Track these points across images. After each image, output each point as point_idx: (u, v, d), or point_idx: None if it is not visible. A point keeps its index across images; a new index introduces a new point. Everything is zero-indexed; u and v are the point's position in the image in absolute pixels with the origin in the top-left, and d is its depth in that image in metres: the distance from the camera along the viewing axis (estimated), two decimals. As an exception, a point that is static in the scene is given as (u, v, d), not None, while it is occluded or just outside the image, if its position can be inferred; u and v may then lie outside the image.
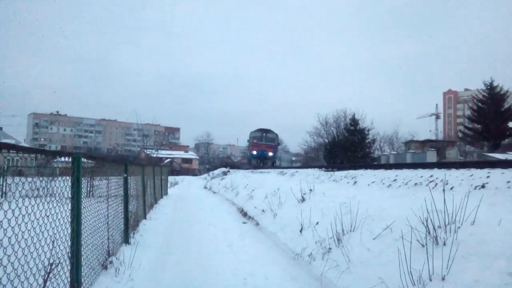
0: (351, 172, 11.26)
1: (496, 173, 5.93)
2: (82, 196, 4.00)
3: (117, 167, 7.05)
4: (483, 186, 5.41)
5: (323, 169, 15.34)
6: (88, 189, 5.35)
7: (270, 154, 41.53)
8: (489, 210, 4.26)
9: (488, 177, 5.76)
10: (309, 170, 15.90)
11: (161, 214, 11.44)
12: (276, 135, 42.75)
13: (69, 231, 3.71)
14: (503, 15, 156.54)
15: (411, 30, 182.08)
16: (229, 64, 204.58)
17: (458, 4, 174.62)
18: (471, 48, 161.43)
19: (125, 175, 7.30)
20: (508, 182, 5.19)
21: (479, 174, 6.09)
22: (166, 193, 19.94)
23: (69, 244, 3.70)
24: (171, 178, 31.32)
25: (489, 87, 43.78)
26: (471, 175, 6.20)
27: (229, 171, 35.17)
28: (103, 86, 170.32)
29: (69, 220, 3.72)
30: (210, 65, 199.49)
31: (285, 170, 19.61)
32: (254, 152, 41.16)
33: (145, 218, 9.91)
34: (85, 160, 4.30)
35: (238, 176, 24.81)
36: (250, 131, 43.59)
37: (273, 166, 39.33)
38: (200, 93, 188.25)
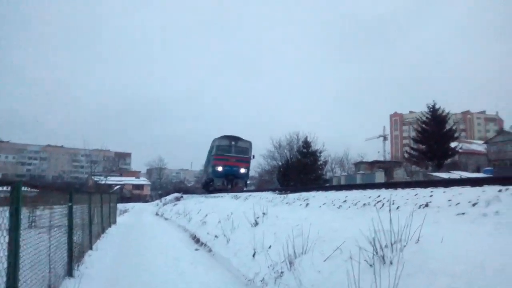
0: (304, 194, 11.39)
1: (439, 192, 6.21)
2: (22, 227, 3.76)
3: (62, 196, 6.71)
4: (426, 205, 5.64)
5: (277, 192, 15.41)
6: (30, 219, 5.04)
7: (242, 170, 30.10)
8: (432, 228, 4.42)
9: (431, 196, 6.02)
10: (263, 193, 15.91)
11: (108, 243, 10.95)
12: (250, 144, 31.02)
13: (5, 265, 3.45)
14: (443, 41, 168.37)
15: (358, 54, 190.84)
16: (182, 87, 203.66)
17: (400, 32, 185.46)
18: (415, 72, 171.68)
19: (70, 204, 6.94)
20: (449, 200, 5.44)
21: (423, 193, 6.35)
22: (115, 222, 19.17)
23: (4, 280, 3.43)
24: (120, 206, 30.24)
25: (431, 109, 46.38)
26: (415, 195, 6.45)
27: (182, 197, 34.55)
28: (49, 111, 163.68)
29: (5, 253, 3.47)
30: (163, 89, 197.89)
31: (239, 194, 19.51)
32: (219, 169, 29.32)
33: (91, 248, 9.43)
34: (26, 188, 4.06)
35: (191, 202, 24.39)
36: (213, 139, 31.48)
37: (243, 189, 28.67)
38: (152, 117, 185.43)
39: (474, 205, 4.81)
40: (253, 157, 32.64)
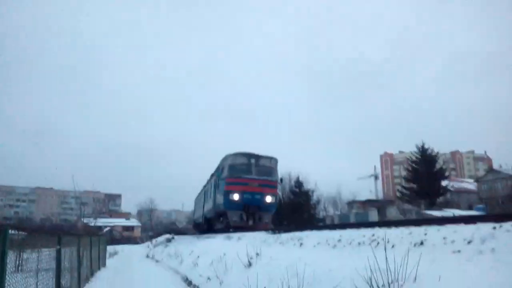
0: (297, 234, 11.25)
1: (433, 230, 6.18)
2: (8, 271, 3.65)
3: (50, 239, 6.57)
4: (421, 243, 5.60)
5: (270, 231, 15.21)
6: (16, 263, 4.91)
7: (269, 199, 20.64)
8: (429, 267, 4.37)
9: (425, 234, 5.99)
10: (256, 234, 15.68)
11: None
12: (276, 161, 21.81)
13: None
14: (429, 86, 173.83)
15: (350, 96, 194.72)
16: (173, 128, 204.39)
17: (391, 78, 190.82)
18: (405, 114, 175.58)
19: (58, 247, 6.79)
20: (444, 238, 5.41)
21: (417, 232, 6.32)
22: (105, 264, 18.66)
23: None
24: (110, 248, 29.52)
25: (421, 149, 47.06)
26: (410, 233, 6.41)
27: (173, 238, 33.91)
28: (38, 153, 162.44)
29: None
30: (154, 130, 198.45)
31: (231, 235, 19.20)
32: (235, 197, 20.01)
33: (79, 293, 9.13)
34: (13, 231, 3.98)
35: (183, 243, 23.92)
36: (223, 156, 22.02)
37: (268, 226, 19.71)
38: (143, 158, 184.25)
39: (469, 242, 4.79)
40: (281, 180, 24.08)
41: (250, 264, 8.71)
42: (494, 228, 4.86)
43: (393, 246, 5.96)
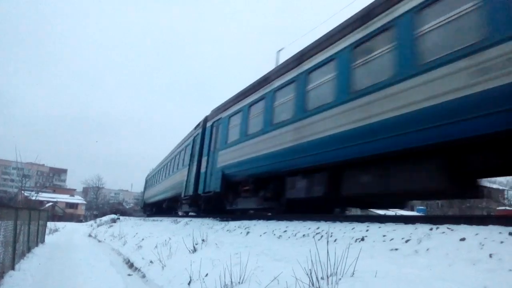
0: (245, 222, 11.31)
1: (375, 227, 6.40)
2: None
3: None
4: (362, 239, 5.78)
5: (218, 218, 15.19)
6: None
7: None
8: (367, 262, 4.52)
9: (367, 230, 6.19)
10: (204, 220, 15.62)
11: (33, 265, 10.17)
12: None
13: None
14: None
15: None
16: (128, 105, 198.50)
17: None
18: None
19: (-8, 218, 6.41)
20: (384, 235, 5.62)
21: (360, 228, 6.52)
22: (43, 241, 17.93)
23: None
24: (51, 224, 28.39)
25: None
26: (353, 228, 6.61)
27: (118, 218, 33.09)
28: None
29: None
30: (107, 105, 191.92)
31: (179, 219, 19.03)
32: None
33: (13, 269, 8.70)
34: None
35: (128, 224, 23.43)
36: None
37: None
38: (93, 133, 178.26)
39: (407, 241, 4.99)
40: None
41: (195, 250, 8.66)
42: (431, 229, 5.09)
43: (335, 240, 6.12)
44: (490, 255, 3.83)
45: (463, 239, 4.37)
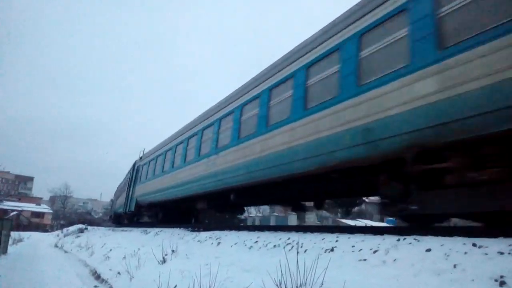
0: (217, 232, 11.21)
1: (344, 237, 6.47)
2: None
3: None
4: (332, 250, 5.83)
5: (189, 229, 15.01)
6: None
7: None
8: (336, 272, 4.57)
9: (337, 241, 6.25)
10: (175, 230, 15.39)
11: (-7, 276, 9.74)
12: None
13: None
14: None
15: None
16: (100, 112, 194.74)
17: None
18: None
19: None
20: (353, 246, 5.68)
21: (330, 238, 6.58)
22: (6, 252, 17.22)
23: None
24: (15, 234, 27.31)
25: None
26: (323, 239, 6.66)
27: (86, 228, 32.22)
28: None
29: None
30: (78, 112, 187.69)
31: (149, 229, 18.68)
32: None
33: (-30, 281, 8.30)
34: None
35: (96, 234, 22.85)
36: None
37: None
38: (61, 139, 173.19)
39: (375, 252, 5.07)
40: None
41: (164, 261, 8.51)
42: (398, 240, 5.19)
43: (305, 251, 6.15)
44: (455, 266, 3.94)
45: (429, 250, 4.47)
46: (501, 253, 3.88)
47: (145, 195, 20.32)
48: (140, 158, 23.73)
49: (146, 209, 21.84)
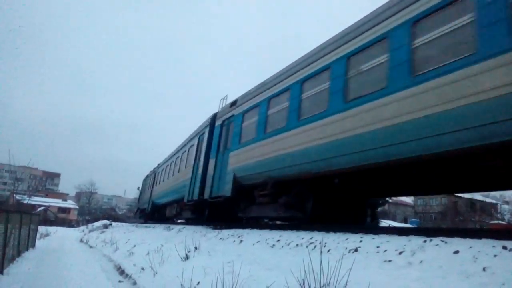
0: (239, 230, 11.24)
1: (368, 238, 6.37)
2: None
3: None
4: (356, 250, 5.75)
5: (211, 226, 15.11)
6: None
7: None
8: (360, 273, 4.50)
9: (361, 241, 6.16)
10: (197, 227, 15.53)
11: (21, 269, 10.04)
12: None
13: None
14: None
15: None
16: (125, 111, 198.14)
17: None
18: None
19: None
20: (377, 247, 5.59)
21: (353, 238, 6.49)
22: (34, 246, 17.74)
23: None
24: (42, 229, 28.13)
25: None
26: (346, 239, 6.57)
27: (111, 224, 32.89)
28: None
29: None
30: (104, 110, 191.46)
31: (171, 226, 18.91)
32: None
33: (1, 273, 8.59)
34: None
35: (121, 230, 23.26)
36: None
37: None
38: (88, 137, 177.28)
39: (400, 253, 4.97)
40: None
41: (187, 258, 8.59)
42: (425, 241, 5.07)
43: (329, 251, 6.09)
44: (484, 269, 3.82)
45: (456, 252, 4.36)
46: (534, 257, 3.75)
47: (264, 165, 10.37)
48: (230, 105, 13.97)
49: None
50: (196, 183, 15.15)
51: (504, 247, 4.13)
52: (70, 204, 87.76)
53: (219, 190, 12.85)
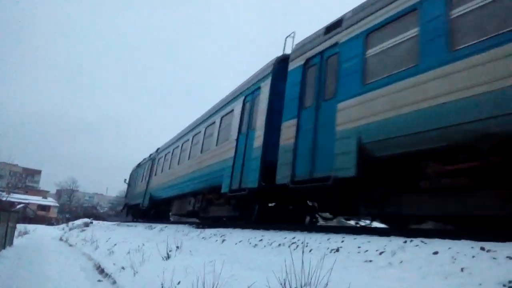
0: (221, 230, 11.21)
1: (350, 238, 6.42)
2: None
3: None
4: (337, 250, 5.78)
5: (194, 225, 15.03)
6: None
7: None
8: (341, 273, 4.52)
9: (342, 241, 6.20)
10: (180, 226, 15.43)
11: (-2, 268, 9.82)
12: None
13: None
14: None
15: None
16: (108, 108, 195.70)
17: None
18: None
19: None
20: (359, 247, 5.63)
21: (335, 239, 6.53)
22: (11, 244, 17.36)
23: None
24: (21, 227, 27.59)
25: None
26: (328, 239, 6.61)
27: (91, 223, 32.45)
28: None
29: None
30: (86, 107, 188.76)
31: (153, 225, 18.76)
32: None
33: (-24, 272, 8.37)
34: None
35: (101, 229, 22.95)
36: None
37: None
38: (70, 133, 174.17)
39: (381, 253, 5.02)
40: None
41: (168, 257, 8.51)
42: (405, 242, 5.13)
43: (311, 251, 6.10)
44: (462, 269, 3.88)
45: (436, 253, 4.41)
46: (510, 258, 3.82)
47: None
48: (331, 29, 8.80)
49: None
50: (249, 164, 10.50)
51: (482, 248, 4.20)
52: (50, 201, 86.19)
53: (319, 168, 7.99)
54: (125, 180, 32.78)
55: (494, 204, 5.29)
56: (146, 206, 22.34)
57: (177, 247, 9.02)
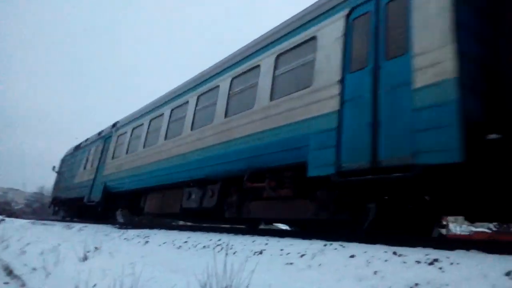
0: (145, 231, 10.90)
1: (274, 241, 6.53)
2: None
3: None
4: (261, 252, 5.85)
5: (117, 226, 14.44)
6: None
7: None
8: (263, 275, 4.56)
9: (266, 244, 6.29)
10: (101, 226, 14.76)
11: None
12: None
13: None
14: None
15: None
16: (27, 99, 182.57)
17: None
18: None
19: None
20: (281, 250, 5.75)
21: (260, 241, 6.61)
22: None
23: None
24: None
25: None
26: (253, 241, 6.67)
27: (3, 220, 29.94)
28: None
29: None
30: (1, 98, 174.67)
31: (72, 224, 17.74)
32: None
33: None
34: None
35: (14, 227, 21.23)
36: None
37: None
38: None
39: (302, 256, 5.15)
40: None
41: (86, 258, 8.07)
42: (325, 245, 5.32)
43: (235, 253, 6.12)
44: (375, 272, 4.09)
45: (352, 256, 4.62)
46: (418, 262, 4.10)
47: None
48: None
49: None
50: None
51: (395, 253, 4.47)
52: (-46, 196, 78.36)
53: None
54: (54, 167, 26.26)
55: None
56: (98, 201, 16.44)
57: (96, 248, 8.59)
